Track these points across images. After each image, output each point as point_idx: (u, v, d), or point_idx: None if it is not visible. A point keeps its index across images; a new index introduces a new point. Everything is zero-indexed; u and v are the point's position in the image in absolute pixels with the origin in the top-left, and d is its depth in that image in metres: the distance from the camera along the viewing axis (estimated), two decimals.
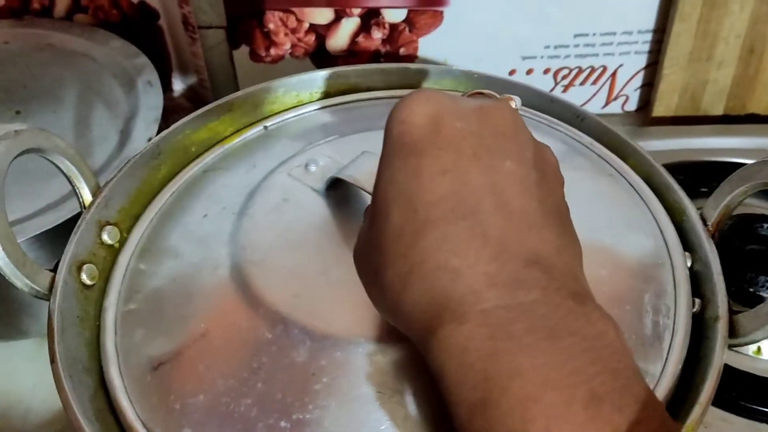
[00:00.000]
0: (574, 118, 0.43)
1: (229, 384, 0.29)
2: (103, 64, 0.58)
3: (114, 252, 0.37)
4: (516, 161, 0.26)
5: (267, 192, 0.37)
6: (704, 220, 0.36)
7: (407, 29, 0.58)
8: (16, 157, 0.33)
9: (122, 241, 0.37)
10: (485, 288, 0.23)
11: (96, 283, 0.35)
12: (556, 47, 0.60)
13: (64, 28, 0.61)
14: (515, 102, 0.33)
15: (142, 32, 0.62)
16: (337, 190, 0.36)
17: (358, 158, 0.35)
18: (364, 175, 0.34)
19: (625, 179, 0.39)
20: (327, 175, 0.36)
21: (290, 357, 0.29)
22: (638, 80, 0.62)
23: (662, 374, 0.30)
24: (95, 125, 0.52)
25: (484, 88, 0.35)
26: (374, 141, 0.30)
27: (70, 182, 0.37)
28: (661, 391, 0.30)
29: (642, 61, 0.61)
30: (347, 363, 0.29)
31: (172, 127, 0.41)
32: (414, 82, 0.46)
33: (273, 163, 0.39)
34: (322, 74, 0.45)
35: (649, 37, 0.59)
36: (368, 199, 0.33)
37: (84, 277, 0.35)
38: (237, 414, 0.28)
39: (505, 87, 0.44)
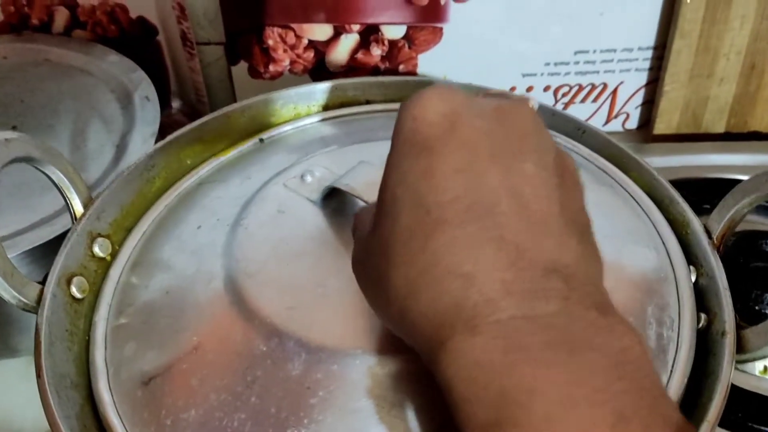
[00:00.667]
0: (575, 131, 0.43)
1: (222, 398, 0.28)
2: (100, 79, 0.57)
3: (105, 265, 0.36)
4: (536, 164, 0.24)
5: (262, 203, 0.36)
6: (709, 233, 0.35)
7: (407, 46, 0.58)
8: (5, 166, 0.32)
9: (114, 254, 0.36)
10: (501, 296, 0.22)
11: (86, 297, 0.34)
12: (556, 64, 0.59)
13: (63, 43, 0.61)
14: (533, 102, 0.31)
15: (141, 48, 0.61)
16: (334, 200, 0.35)
17: (355, 168, 0.34)
18: (361, 184, 0.33)
19: (627, 192, 0.39)
20: (323, 185, 0.35)
21: (285, 370, 0.29)
22: (639, 97, 0.61)
23: (667, 388, 0.29)
24: (92, 140, 0.52)
25: None
26: (372, 152, 0.30)
27: (62, 193, 0.36)
28: None
29: (643, 78, 0.60)
30: (344, 376, 0.28)
31: (167, 139, 0.40)
32: None
33: (268, 174, 0.38)
34: (321, 87, 0.45)
35: (649, 54, 0.59)
36: None
37: (74, 290, 0.34)
38: (230, 429, 0.28)
39: None
